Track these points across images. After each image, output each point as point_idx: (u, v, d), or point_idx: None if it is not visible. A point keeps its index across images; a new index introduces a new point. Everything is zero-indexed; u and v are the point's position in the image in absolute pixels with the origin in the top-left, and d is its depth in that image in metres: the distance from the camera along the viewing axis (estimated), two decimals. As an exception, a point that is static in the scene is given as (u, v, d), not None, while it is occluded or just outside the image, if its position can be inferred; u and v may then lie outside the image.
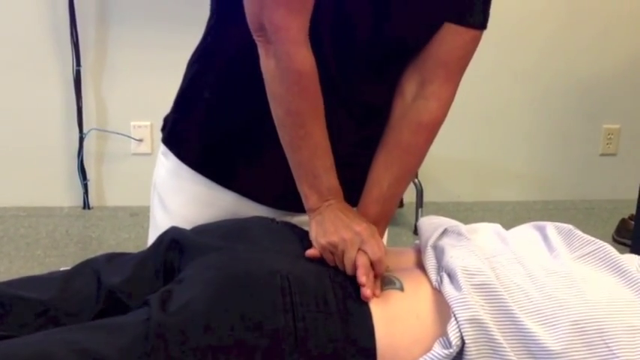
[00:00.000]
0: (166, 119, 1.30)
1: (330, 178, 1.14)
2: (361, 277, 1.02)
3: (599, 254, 1.10)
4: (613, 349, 0.94)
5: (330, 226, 1.09)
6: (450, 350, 0.95)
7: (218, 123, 1.23)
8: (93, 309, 1.05)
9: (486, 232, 1.17)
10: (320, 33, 1.10)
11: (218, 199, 1.25)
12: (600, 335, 0.95)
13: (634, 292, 1.03)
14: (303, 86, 1.09)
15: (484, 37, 1.19)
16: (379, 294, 1.03)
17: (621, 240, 2.92)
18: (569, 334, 0.95)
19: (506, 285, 1.01)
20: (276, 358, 0.92)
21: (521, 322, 0.96)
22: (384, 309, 1.00)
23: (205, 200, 1.25)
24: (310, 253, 1.08)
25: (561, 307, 0.98)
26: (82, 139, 3.00)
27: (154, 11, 2.92)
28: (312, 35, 1.08)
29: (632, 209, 2.73)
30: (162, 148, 1.31)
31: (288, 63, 1.07)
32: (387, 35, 1.13)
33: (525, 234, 1.19)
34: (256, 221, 1.17)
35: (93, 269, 1.11)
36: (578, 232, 1.15)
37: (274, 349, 0.92)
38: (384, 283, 1.06)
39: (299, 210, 1.17)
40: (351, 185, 1.20)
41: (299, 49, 1.07)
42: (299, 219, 1.22)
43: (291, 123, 1.11)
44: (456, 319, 0.96)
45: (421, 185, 2.98)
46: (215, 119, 1.23)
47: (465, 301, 0.97)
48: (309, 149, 1.12)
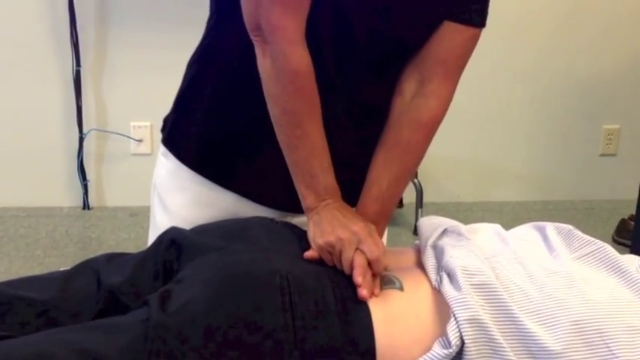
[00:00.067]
0: (166, 120, 1.30)
1: (327, 177, 1.14)
2: (357, 277, 1.02)
3: (599, 255, 1.10)
4: (613, 349, 0.94)
5: (328, 226, 1.09)
6: (450, 350, 0.95)
7: (218, 123, 1.22)
8: (93, 309, 1.05)
9: (486, 233, 1.17)
10: (319, 33, 1.10)
11: (218, 199, 1.25)
12: (600, 335, 0.95)
13: (634, 292, 1.02)
14: (298, 86, 1.09)
15: (484, 37, 1.19)
16: (378, 293, 1.03)
17: (621, 240, 2.92)
18: (569, 334, 0.95)
19: (506, 285, 1.01)
20: (276, 357, 0.92)
21: (521, 322, 0.96)
22: (383, 309, 1.00)
23: (205, 201, 1.25)
24: (308, 255, 1.08)
25: (561, 307, 0.98)
26: (81, 139, 3.00)
27: (154, 11, 2.92)
28: (311, 35, 1.08)
29: (631, 209, 2.73)
30: (162, 148, 1.31)
31: (284, 62, 1.07)
32: (385, 35, 1.13)
33: (525, 234, 1.19)
34: (256, 221, 1.17)
35: (93, 269, 1.11)
36: (578, 232, 1.15)
37: (274, 348, 0.92)
38: (383, 282, 1.06)
39: (299, 210, 1.17)
40: (350, 185, 1.20)
41: (295, 48, 1.07)
42: (299, 219, 1.22)
43: (287, 122, 1.11)
44: (456, 319, 0.96)
45: (421, 185, 2.98)
46: (215, 120, 1.23)
47: (465, 301, 0.97)
48: (305, 149, 1.12)
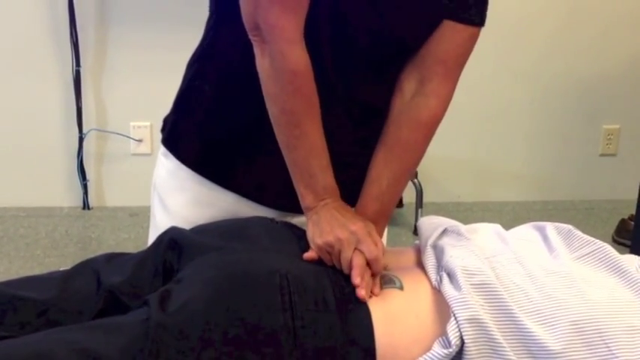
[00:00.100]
0: (166, 120, 1.30)
1: (326, 177, 1.14)
2: (355, 278, 1.02)
3: (598, 254, 1.10)
4: (612, 349, 0.94)
5: (326, 226, 1.09)
6: (450, 350, 0.95)
7: (218, 123, 1.22)
8: (92, 309, 1.05)
9: (486, 232, 1.17)
10: (318, 33, 1.10)
11: (218, 199, 1.25)
12: (600, 335, 0.95)
13: (634, 292, 1.02)
14: (297, 85, 1.09)
15: (484, 37, 1.19)
16: (378, 292, 1.03)
17: (621, 240, 2.92)
18: (568, 333, 0.95)
19: (506, 285, 1.01)
20: (276, 357, 0.92)
21: (521, 322, 0.96)
22: (383, 308, 1.00)
23: (205, 201, 1.25)
24: (308, 256, 1.07)
25: (561, 307, 0.98)
26: (81, 139, 3.00)
27: (153, 12, 2.92)
28: (310, 35, 1.08)
29: (631, 209, 2.73)
30: (162, 148, 1.30)
31: (282, 62, 1.07)
32: (385, 35, 1.13)
33: (525, 234, 1.19)
34: (256, 221, 1.17)
35: (92, 269, 1.11)
36: (577, 232, 1.15)
37: (273, 348, 0.92)
38: (383, 281, 1.06)
39: (299, 211, 1.17)
40: (350, 185, 1.20)
41: (293, 48, 1.07)
42: (299, 219, 1.22)
43: (286, 122, 1.11)
44: (456, 318, 0.96)
45: (421, 185, 2.98)
46: (215, 120, 1.22)
47: (465, 301, 0.97)
48: (304, 148, 1.12)
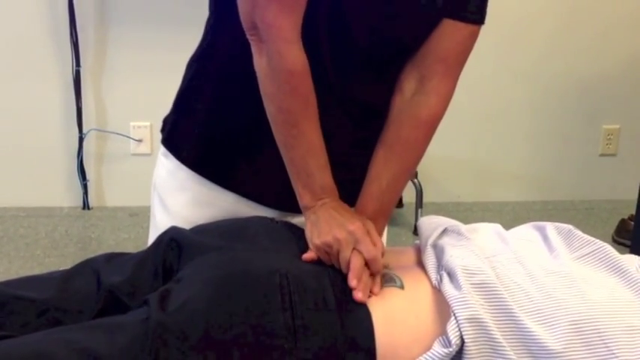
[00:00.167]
0: (166, 120, 1.30)
1: (324, 176, 1.13)
2: (351, 280, 1.02)
3: (599, 254, 1.10)
4: (612, 348, 0.94)
5: (325, 226, 1.08)
6: (450, 349, 0.95)
7: (218, 123, 1.22)
8: (93, 308, 1.05)
9: (486, 232, 1.17)
10: (317, 32, 1.10)
11: (218, 199, 1.25)
12: (599, 335, 0.95)
13: (634, 292, 1.02)
14: (294, 85, 1.08)
15: (484, 37, 1.19)
16: (378, 292, 1.03)
17: (621, 240, 2.92)
18: (568, 333, 0.95)
19: (506, 284, 1.01)
20: (275, 356, 0.92)
21: (521, 322, 0.96)
22: (383, 308, 1.00)
23: (205, 200, 1.25)
24: (307, 257, 1.07)
25: (561, 306, 0.97)
26: (81, 139, 3.00)
27: (153, 12, 2.92)
28: (309, 35, 1.08)
29: (631, 209, 2.73)
30: (162, 148, 1.30)
31: (279, 61, 1.07)
32: (384, 35, 1.13)
33: (525, 234, 1.18)
34: (256, 221, 1.17)
35: (92, 269, 1.11)
36: (578, 232, 1.15)
37: (273, 347, 0.92)
38: (384, 280, 1.06)
39: (299, 211, 1.17)
40: (349, 185, 1.20)
41: (290, 47, 1.07)
42: (299, 219, 1.22)
43: (283, 121, 1.11)
44: (456, 318, 0.96)
45: (421, 185, 2.98)
46: (215, 120, 1.22)
47: (465, 300, 0.97)
48: (301, 147, 1.12)
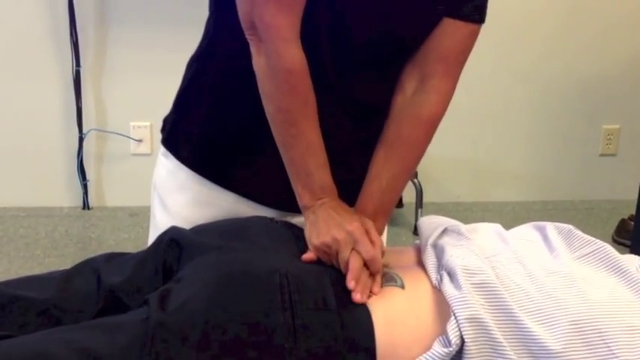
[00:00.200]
0: (166, 120, 1.30)
1: (323, 176, 1.13)
2: (350, 282, 1.01)
3: (599, 254, 1.10)
4: (612, 348, 0.94)
5: (323, 226, 1.08)
6: (450, 349, 0.95)
7: (218, 123, 1.22)
8: (93, 308, 1.05)
9: (486, 232, 1.17)
10: (316, 32, 1.10)
11: (218, 199, 1.25)
12: (599, 335, 0.95)
13: (634, 292, 1.02)
14: (292, 84, 1.09)
15: (484, 37, 1.19)
16: (378, 291, 1.03)
17: (621, 240, 2.92)
18: (568, 333, 0.95)
19: (507, 284, 1.01)
20: (275, 356, 0.92)
21: (522, 322, 0.96)
22: (383, 307, 1.00)
23: (205, 200, 1.25)
24: (306, 257, 1.07)
25: (561, 306, 0.97)
26: (81, 139, 3.00)
27: (153, 12, 2.92)
28: (309, 34, 1.08)
29: (631, 209, 2.73)
30: (162, 148, 1.30)
31: (277, 61, 1.07)
32: (384, 34, 1.13)
33: (525, 234, 1.18)
34: (256, 220, 1.17)
35: (92, 269, 1.11)
36: (578, 232, 1.15)
37: (273, 347, 0.92)
38: (385, 279, 1.05)
39: (299, 210, 1.16)
40: (349, 185, 1.20)
41: (289, 47, 1.07)
42: (299, 219, 1.22)
43: (282, 121, 1.11)
44: (456, 317, 0.96)
45: (421, 185, 2.98)
46: (215, 119, 1.22)
47: (465, 300, 0.97)
48: (300, 147, 1.12)
